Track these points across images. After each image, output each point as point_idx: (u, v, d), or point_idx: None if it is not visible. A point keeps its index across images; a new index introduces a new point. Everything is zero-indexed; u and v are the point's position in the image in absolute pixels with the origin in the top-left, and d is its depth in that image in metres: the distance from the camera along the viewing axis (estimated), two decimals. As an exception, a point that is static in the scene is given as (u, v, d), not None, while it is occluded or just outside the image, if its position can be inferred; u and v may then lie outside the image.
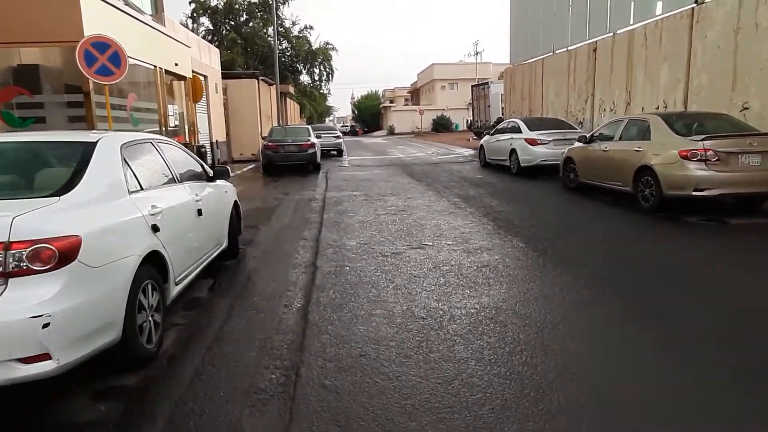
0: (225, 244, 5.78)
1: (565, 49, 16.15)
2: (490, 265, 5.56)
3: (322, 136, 23.04)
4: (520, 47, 19.82)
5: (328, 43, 46.40)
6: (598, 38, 14.04)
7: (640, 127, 8.73)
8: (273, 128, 17.70)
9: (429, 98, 72.26)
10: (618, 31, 13.25)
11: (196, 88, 13.14)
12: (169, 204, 4.14)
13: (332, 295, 4.78)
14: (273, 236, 7.70)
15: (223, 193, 6.00)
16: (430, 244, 6.80)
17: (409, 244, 6.78)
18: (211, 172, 5.67)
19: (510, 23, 20.80)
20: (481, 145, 16.90)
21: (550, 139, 13.08)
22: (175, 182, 4.64)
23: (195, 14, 41.45)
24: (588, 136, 10.05)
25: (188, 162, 5.31)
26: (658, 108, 11.79)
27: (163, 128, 10.92)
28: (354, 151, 28.55)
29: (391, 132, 64.43)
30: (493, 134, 16.02)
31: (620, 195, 9.06)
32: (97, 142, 3.69)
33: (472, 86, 28.55)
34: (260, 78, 21.50)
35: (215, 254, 5.40)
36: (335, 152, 24.60)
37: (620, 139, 8.95)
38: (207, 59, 16.65)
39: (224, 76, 20.42)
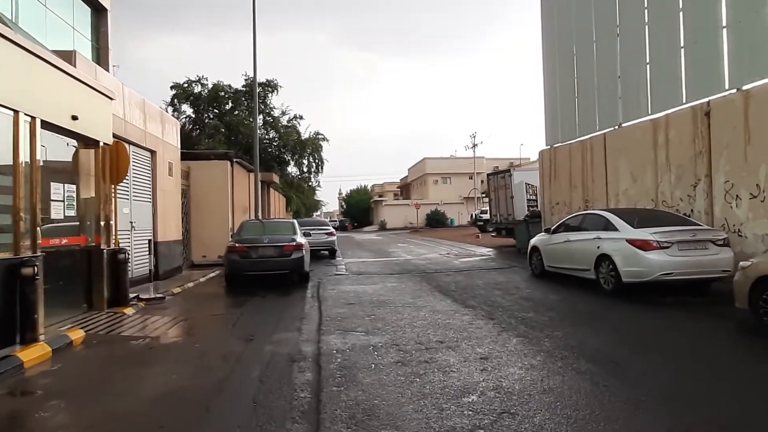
0: None
1: (644, 119, 11.98)
2: None
3: (312, 232, 18.26)
4: (565, 123, 15.86)
5: (318, 133, 43.45)
6: (712, 98, 9.85)
7: None
8: (245, 223, 12.84)
9: (420, 193, 69.48)
10: (752, 84, 9.09)
11: (118, 161, 8.40)
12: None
13: None
14: None
15: None
16: None
17: None
18: None
19: (544, 96, 17.06)
20: (534, 247, 12.15)
21: (674, 240, 8.34)
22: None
23: (176, 101, 38.36)
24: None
25: None
26: None
27: (27, 220, 5.96)
28: (348, 250, 23.68)
29: (383, 227, 60.36)
30: (553, 232, 11.33)
31: None
32: None
33: (488, 175, 24.66)
34: (235, 160, 17.08)
35: None
36: (326, 252, 19.71)
37: None
38: (157, 129, 12.15)
39: (187, 156, 15.95)
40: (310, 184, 47.51)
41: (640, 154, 12.00)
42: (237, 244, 11.04)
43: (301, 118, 42.38)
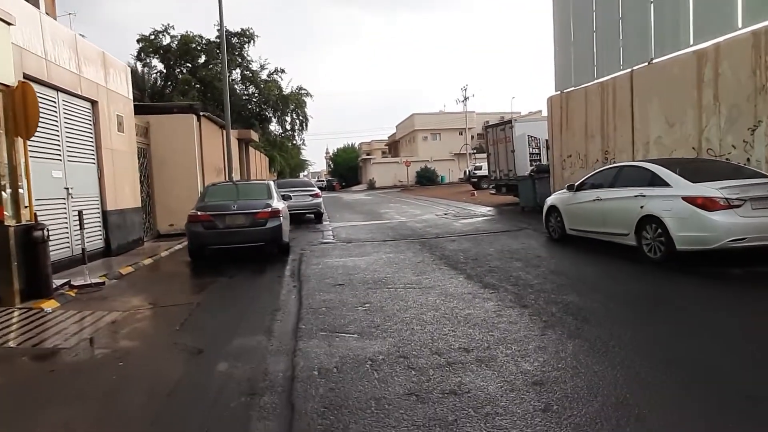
0: None
1: (684, 51, 10.02)
2: None
3: (294, 195, 16.28)
4: (581, 64, 13.81)
5: (301, 88, 40.65)
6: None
7: None
8: (210, 186, 10.81)
9: (409, 150, 67.25)
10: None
11: (26, 109, 6.32)
12: None
13: None
14: None
15: None
16: None
17: None
18: None
19: (554, 34, 14.91)
20: (552, 207, 10.39)
21: (747, 197, 6.58)
22: None
23: (143, 54, 35.26)
24: None
25: None
26: None
27: None
28: (336, 212, 21.82)
29: (372, 186, 58.36)
30: (577, 189, 9.54)
31: None
32: None
33: (486, 127, 22.64)
34: (202, 114, 14.86)
35: None
36: (312, 215, 17.85)
37: None
38: (98, 75, 9.96)
39: (145, 110, 13.74)
40: (295, 142, 45.02)
41: (679, 94, 10.10)
42: (199, 213, 9.11)
43: (282, 72, 39.54)
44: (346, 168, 72.00)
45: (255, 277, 8.05)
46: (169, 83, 37.46)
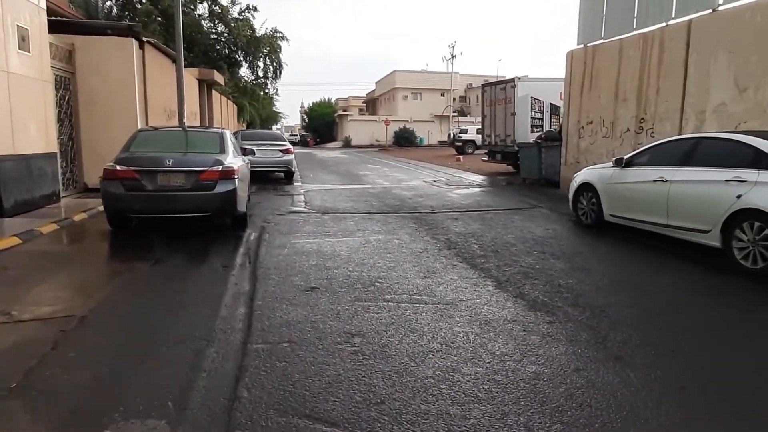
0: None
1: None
2: None
3: (261, 149, 13.71)
4: (615, 11, 11.38)
5: (276, 31, 36.91)
6: None
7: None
8: (140, 133, 7.95)
9: (388, 109, 64.18)
10: None
11: None
12: None
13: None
14: None
15: None
16: None
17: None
18: None
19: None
20: (585, 186, 8.20)
21: None
22: None
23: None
24: None
25: None
26: None
27: None
28: (310, 171, 19.22)
29: (348, 144, 55.31)
30: (626, 165, 7.34)
31: None
32: None
33: (484, 86, 20.09)
34: (147, 40, 11.84)
35: None
36: (282, 174, 15.30)
37: None
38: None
39: (68, 28, 10.72)
40: (267, 91, 41.45)
41: (758, 49, 7.87)
42: (119, 167, 6.50)
43: (255, 9, 35.49)
44: (322, 123, 68.34)
45: (189, 267, 5.61)
46: (127, 14, 33.20)
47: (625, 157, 7.52)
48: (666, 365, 3.26)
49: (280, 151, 14.60)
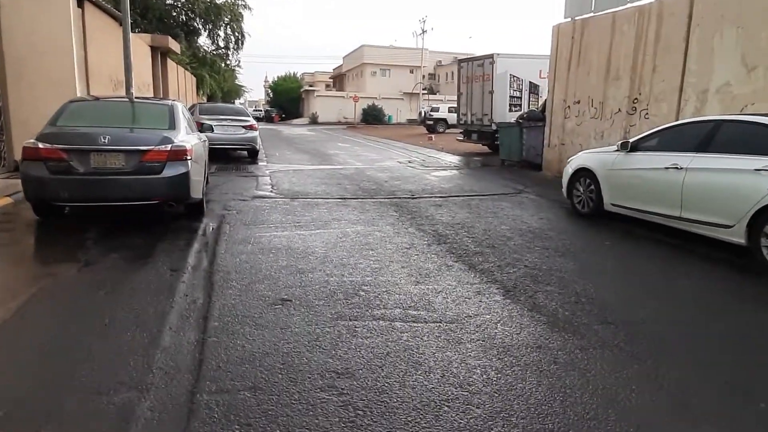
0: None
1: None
2: None
3: (221, 125, 12.49)
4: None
5: (238, -1, 34.73)
6: None
7: None
8: (70, 103, 6.62)
9: (356, 85, 62.52)
10: None
11: None
12: None
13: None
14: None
15: None
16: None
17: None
18: None
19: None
20: (582, 170, 7.46)
21: None
22: None
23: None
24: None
25: None
26: None
27: None
28: (276, 149, 17.98)
29: (314, 120, 53.54)
30: (632, 150, 6.63)
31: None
32: None
33: (460, 61, 19.10)
34: (87, -3, 10.33)
35: None
36: (246, 152, 14.09)
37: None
38: None
39: (-10, -21, 9.15)
40: (228, 63, 39.35)
41: (772, 24, 7.23)
42: (42, 145, 5.32)
43: (215, -27, 33.30)
44: (287, 99, 65.98)
45: (127, 271, 4.54)
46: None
47: (631, 140, 6.79)
48: (752, 417, 2.52)
49: (243, 127, 13.35)
